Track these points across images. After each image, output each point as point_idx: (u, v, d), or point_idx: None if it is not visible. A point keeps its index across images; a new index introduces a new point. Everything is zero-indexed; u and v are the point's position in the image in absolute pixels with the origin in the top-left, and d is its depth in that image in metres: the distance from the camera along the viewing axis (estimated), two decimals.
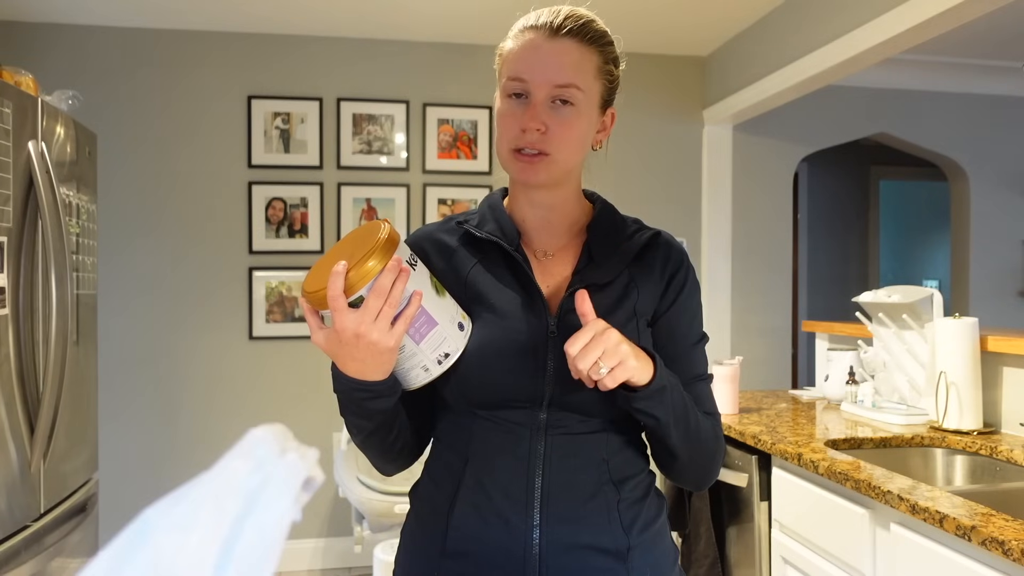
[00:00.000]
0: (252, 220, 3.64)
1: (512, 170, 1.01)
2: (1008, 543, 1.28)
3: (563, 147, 0.99)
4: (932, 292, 2.32)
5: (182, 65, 3.61)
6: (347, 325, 0.85)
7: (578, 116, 0.99)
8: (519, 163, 0.99)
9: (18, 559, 1.87)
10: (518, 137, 0.98)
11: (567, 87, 0.98)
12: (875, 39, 2.69)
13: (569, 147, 0.99)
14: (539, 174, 0.99)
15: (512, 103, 1.00)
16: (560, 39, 0.99)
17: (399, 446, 1.04)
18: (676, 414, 0.97)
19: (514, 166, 1.00)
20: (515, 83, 0.99)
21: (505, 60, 1.02)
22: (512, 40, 1.02)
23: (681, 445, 1.00)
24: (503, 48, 1.04)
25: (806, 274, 5.61)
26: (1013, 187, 4.75)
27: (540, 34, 0.99)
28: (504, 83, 1.01)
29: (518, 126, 0.98)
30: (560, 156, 0.99)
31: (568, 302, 1.00)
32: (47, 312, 2.04)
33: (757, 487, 2.14)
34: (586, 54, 0.99)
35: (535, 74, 0.98)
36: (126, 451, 3.52)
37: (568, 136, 0.99)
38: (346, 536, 3.68)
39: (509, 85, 1.00)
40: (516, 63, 1.00)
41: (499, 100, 1.03)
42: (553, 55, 0.98)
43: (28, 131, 1.99)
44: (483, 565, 0.97)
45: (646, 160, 3.98)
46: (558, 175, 1.01)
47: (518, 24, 1.03)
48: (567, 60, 0.98)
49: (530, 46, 0.99)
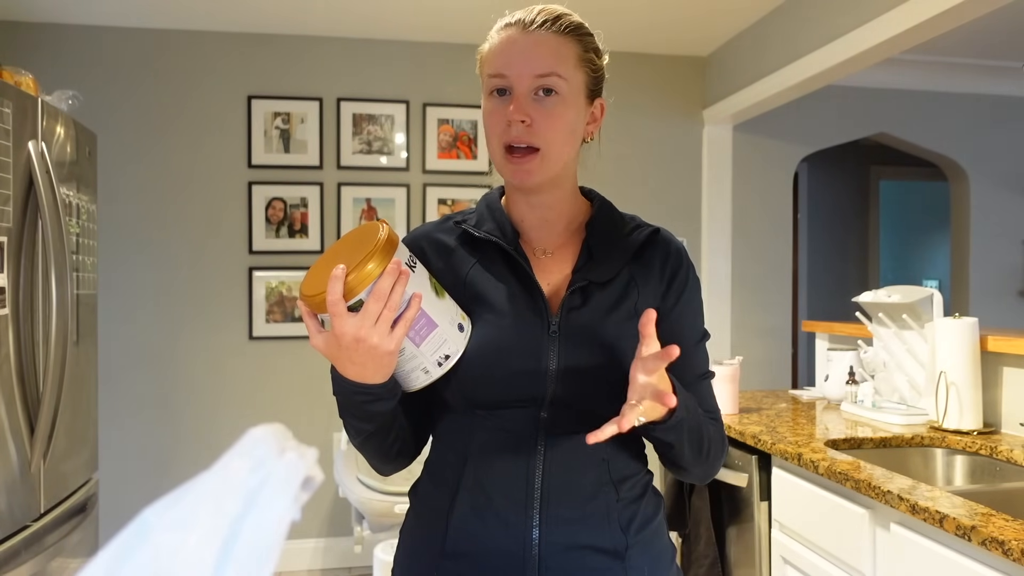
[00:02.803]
0: (252, 220, 3.64)
1: (506, 173, 1.01)
2: (1008, 543, 1.28)
3: (552, 138, 0.98)
4: (932, 292, 2.32)
5: (182, 65, 3.61)
6: (347, 330, 0.85)
7: (563, 105, 0.99)
8: (511, 165, 0.99)
9: (18, 559, 1.87)
10: (504, 132, 0.98)
11: (547, 76, 0.98)
12: (875, 39, 2.69)
13: (558, 138, 0.99)
14: (533, 175, 0.99)
15: (495, 101, 1.00)
16: (536, 32, 0.99)
17: (397, 447, 1.04)
18: (691, 438, 0.98)
19: (507, 169, 1.00)
20: (496, 79, 0.99)
21: (485, 60, 1.03)
22: (489, 42, 1.03)
23: (692, 461, 1.01)
24: (482, 50, 1.04)
25: (806, 274, 5.60)
26: (1013, 187, 4.75)
27: (516, 29, 1.00)
28: (488, 81, 1.01)
29: (503, 121, 0.98)
30: (550, 149, 0.98)
31: (570, 300, 1.00)
32: (47, 312, 2.04)
33: (757, 487, 2.14)
34: (564, 43, 1.00)
35: (514, 67, 0.98)
36: (126, 451, 3.52)
37: (555, 126, 0.98)
38: (346, 536, 3.68)
39: (490, 82, 1.00)
40: (495, 59, 1.00)
41: (484, 101, 1.03)
42: (530, 47, 0.98)
43: (28, 131, 1.99)
44: (482, 565, 0.97)
45: (646, 160, 3.98)
46: (551, 170, 1.00)
47: (495, 26, 1.04)
48: (544, 50, 0.98)
49: (507, 41, 1.00)
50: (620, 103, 3.85)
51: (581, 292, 1.01)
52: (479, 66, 1.05)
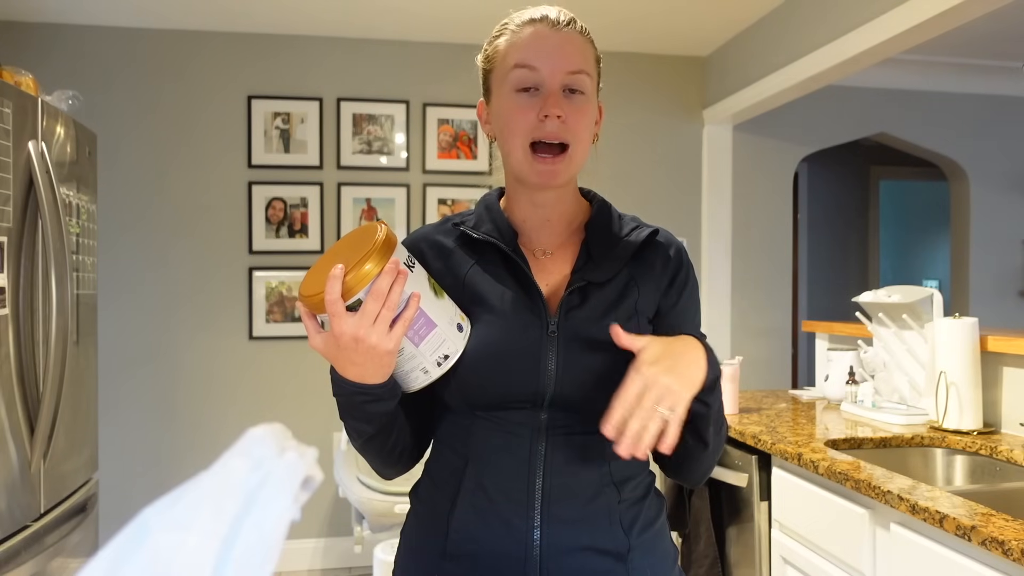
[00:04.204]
0: (252, 220, 3.64)
1: (530, 172, 0.99)
2: (1008, 543, 1.28)
3: (580, 135, 0.99)
4: (932, 292, 2.32)
5: (182, 65, 3.61)
6: (345, 329, 0.85)
7: (589, 104, 1.00)
8: (540, 165, 0.98)
9: (18, 559, 1.87)
10: (535, 127, 0.97)
11: (578, 73, 0.98)
12: (875, 39, 2.69)
13: (585, 135, 1.00)
14: (559, 176, 0.99)
15: (522, 97, 0.98)
16: (565, 30, 1.00)
17: (399, 449, 1.03)
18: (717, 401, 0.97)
19: (533, 169, 0.98)
20: (523, 71, 0.98)
21: (505, 53, 1.01)
22: (509, 36, 1.02)
23: (713, 436, 0.98)
24: (496, 46, 1.03)
25: (806, 274, 5.60)
26: (1013, 187, 4.75)
27: (545, 26, 1.00)
28: (512, 75, 0.99)
29: (534, 115, 0.97)
30: (578, 147, 0.99)
31: (569, 301, 1.00)
32: (47, 312, 2.04)
33: (757, 487, 2.14)
34: (586, 44, 1.02)
35: (547, 62, 0.98)
36: (126, 451, 3.52)
37: (584, 123, 0.99)
38: (346, 536, 3.68)
39: (516, 73, 0.98)
40: (524, 52, 0.99)
41: (502, 98, 1.01)
42: (562, 43, 0.99)
43: (28, 131, 1.99)
44: (483, 567, 0.97)
45: (646, 160, 3.98)
46: (575, 169, 1.01)
47: (511, 22, 1.03)
48: (574, 48, 0.99)
49: (537, 36, 0.99)
50: (621, 103, 3.85)
51: (580, 292, 1.00)
52: (492, 60, 1.03)
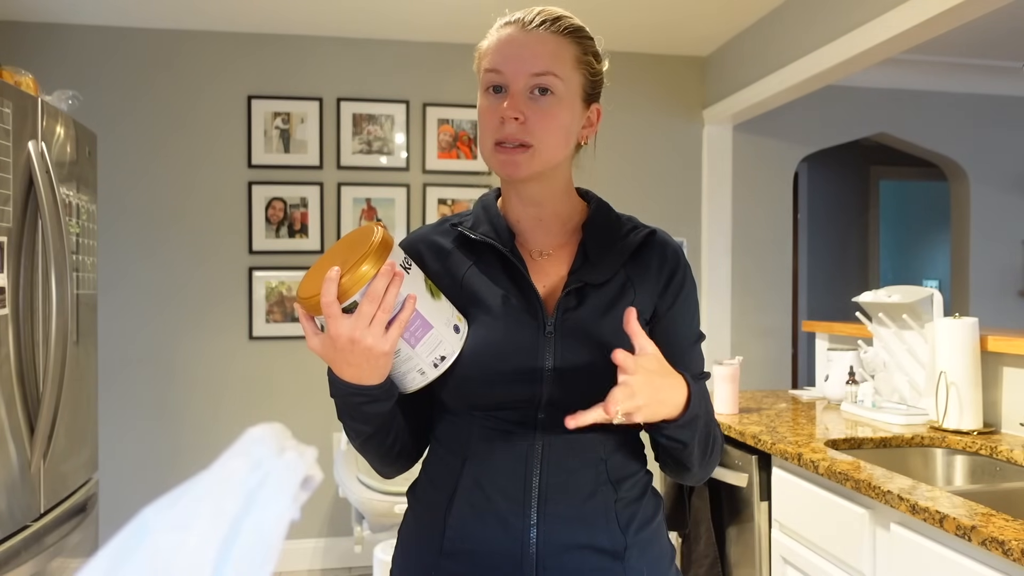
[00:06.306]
0: (252, 220, 3.64)
1: (494, 165, 1.01)
2: (1008, 543, 1.28)
3: (544, 136, 0.98)
4: (932, 292, 2.32)
5: (182, 65, 3.61)
6: (341, 331, 0.85)
7: (559, 105, 0.99)
8: (500, 156, 0.99)
9: (18, 559, 1.87)
10: (497, 129, 0.98)
11: (544, 75, 0.98)
12: (875, 39, 2.69)
13: (551, 137, 0.99)
14: (520, 167, 0.98)
15: (491, 97, 1.00)
16: (534, 31, 1.00)
17: (397, 449, 1.04)
18: (701, 437, 0.98)
19: (495, 160, 1.00)
20: (492, 75, 1.00)
21: (482, 56, 1.03)
22: (488, 39, 1.03)
23: (698, 460, 1.00)
24: (480, 47, 1.05)
25: (806, 274, 5.60)
26: (1013, 187, 4.75)
27: (514, 28, 1.01)
28: (484, 77, 1.02)
29: (497, 118, 0.98)
30: (542, 146, 0.98)
31: (566, 302, 1.00)
32: (47, 312, 2.04)
33: (757, 487, 2.14)
34: (562, 44, 1.00)
35: (511, 64, 0.98)
36: (126, 451, 3.52)
37: (549, 125, 0.98)
38: (346, 536, 3.68)
39: (487, 78, 1.01)
40: (492, 56, 1.00)
41: (479, 99, 1.03)
42: (528, 45, 0.99)
43: (28, 131, 1.99)
44: (481, 565, 0.97)
45: (646, 160, 3.98)
46: (541, 167, 1.00)
47: (494, 25, 1.04)
48: (543, 49, 0.99)
49: (505, 39, 1.00)
50: (620, 103, 3.85)
51: (577, 293, 1.01)
52: (476, 62, 1.05)
